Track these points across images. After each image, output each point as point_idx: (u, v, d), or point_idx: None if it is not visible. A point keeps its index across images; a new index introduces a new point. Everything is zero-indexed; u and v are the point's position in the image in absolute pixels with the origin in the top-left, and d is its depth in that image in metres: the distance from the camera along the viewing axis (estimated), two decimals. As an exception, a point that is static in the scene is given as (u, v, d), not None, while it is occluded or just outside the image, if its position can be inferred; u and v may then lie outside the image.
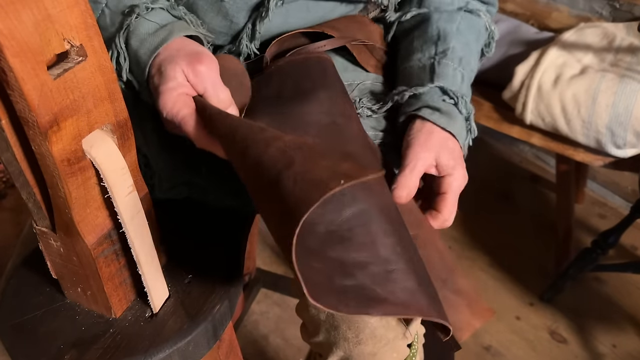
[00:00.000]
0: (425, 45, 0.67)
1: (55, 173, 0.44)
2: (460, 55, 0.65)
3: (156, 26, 0.55)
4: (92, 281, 0.52)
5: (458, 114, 0.62)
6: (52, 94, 0.40)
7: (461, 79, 0.64)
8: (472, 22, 0.69)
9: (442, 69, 0.64)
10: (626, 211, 1.32)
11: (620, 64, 1.24)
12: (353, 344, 0.62)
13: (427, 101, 0.62)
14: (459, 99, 0.62)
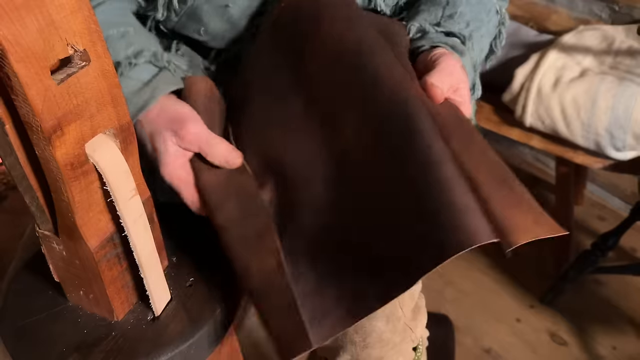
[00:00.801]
0: (433, 8, 0.65)
1: (59, 177, 0.44)
2: (468, 20, 0.63)
3: (139, 84, 0.57)
4: (94, 284, 0.53)
5: (466, 52, 0.60)
6: (55, 98, 0.41)
7: (469, 36, 0.62)
8: (482, 0, 0.67)
9: (446, 24, 0.62)
10: (625, 213, 1.32)
11: (619, 66, 1.24)
12: (360, 347, 0.62)
13: (433, 39, 0.60)
14: (466, 38, 0.60)
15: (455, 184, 0.42)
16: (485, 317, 1.40)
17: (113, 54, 0.56)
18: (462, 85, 0.55)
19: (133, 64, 0.57)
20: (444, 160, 0.44)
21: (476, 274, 1.52)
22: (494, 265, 1.54)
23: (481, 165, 0.47)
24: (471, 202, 0.42)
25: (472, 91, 0.62)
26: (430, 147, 0.44)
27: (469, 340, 1.34)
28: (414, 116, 0.46)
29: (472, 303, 1.44)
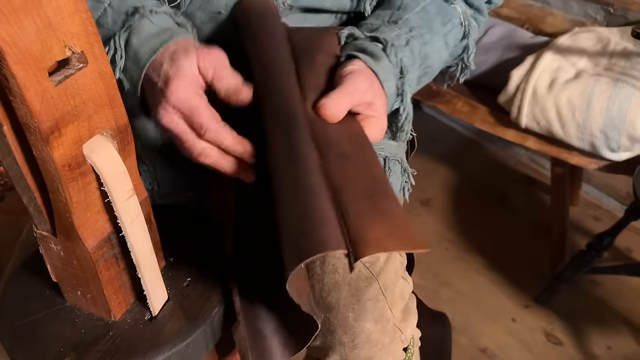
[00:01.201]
0: (383, 13, 0.65)
1: (57, 178, 0.44)
2: (413, 26, 0.63)
3: (159, 28, 0.55)
4: (92, 284, 0.53)
5: (385, 57, 0.58)
6: (53, 100, 0.41)
7: (405, 42, 0.61)
8: (443, 8, 0.67)
9: (384, 29, 0.62)
10: (620, 214, 1.33)
11: (614, 68, 1.25)
12: (349, 348, 0.62)
13: (355, 44, 0.60)
14: (388, 45, 0.59)
15: (315, 195, 0.45)
16: (481, 317, 1.41)
17: (131, 1, 0.56)
18: (376, 100, 0.55)
19: (155, 11, 0.56)
20: (311, 172, 0.46)
21: (472, 274, 1.52)
22: (489, 266, 1.54)
23: (353, 179, 0.48)
24: (327, 212, 0.44)
25: (399, 97, 0.60)
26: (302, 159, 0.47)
27: (464, 339, 1.35)
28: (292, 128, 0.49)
29: (468, 303, 1.44)
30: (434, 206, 1.76)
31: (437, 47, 0.65)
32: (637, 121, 1.13)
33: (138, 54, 0.54)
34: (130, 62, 0.54)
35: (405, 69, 0.59)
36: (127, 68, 0.55)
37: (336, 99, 0.53)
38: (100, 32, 0.52)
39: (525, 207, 1.75)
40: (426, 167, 1.91)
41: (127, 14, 0.56)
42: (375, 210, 0.45)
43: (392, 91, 0.58)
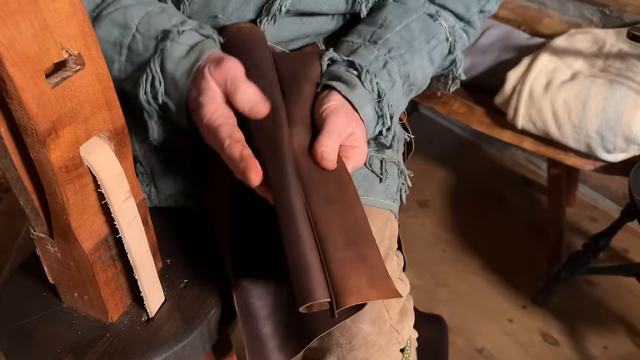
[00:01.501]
0: (365, 30, 0.66)
1: (54, 180, 0.44)
2: (392, 47, 0.63)
3: (187, 48, 0.56)
4: (89, 286, 0.53)
5: (359, 85, 0.59)
6: (50, 102, 0.41)
7: (382, 65, 0.62)
8: (427, 25, 0.67)
9: (363, 51, 0.63)
10: (617, 214, 1.34)
11: (610, 69, 1.26)
12: (346, 349, 0.62)
13: (332, 71, 0.60)
14: (363, 71, 0.59)
15: (302, 244, 0.47)
16: (478, 318, 1.41)
17: (157, 24, 0.57)
18: (356, 130, 0.56)
19: (181, 31, 0.56)
20: (298, 219, 0.48)
21: (469, 275, 1.53)
22: (486, 267, 1.55)
23: (337, 223, 0.50)
24: (314, 262, 0.46)
25: (380, 119, 0.61)
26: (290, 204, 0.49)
27: (461, 340, 1.35)
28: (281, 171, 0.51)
29: (465, 304, 1.45)
30: (431, 207, 1.77)
31: (419, 65, 0.65)
32: (632, 122, 1.13)
33: (175, 78, 0.55)
34: (169, 86, 0.56)
35: (382, 92, 0.60)
36: (169, 92, 0.56)
37: (329, 142, 0.53)
38: (134, 57, 0.56)
39: (522, 208, 1.76)
40: (423, 168, 1.92)
41: (157, 39, 0.56)
42: (358, 258, 0.48)
43: (370, 116, 0.59)
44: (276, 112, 0.55)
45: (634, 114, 1.13)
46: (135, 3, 0.58)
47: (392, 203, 0.70)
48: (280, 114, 0.55)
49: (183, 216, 0.68)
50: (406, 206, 1.72)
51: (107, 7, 0.57)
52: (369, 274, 0.47)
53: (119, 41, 0.57)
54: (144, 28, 0.57)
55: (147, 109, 0.58)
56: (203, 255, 0.63)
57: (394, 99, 0.62)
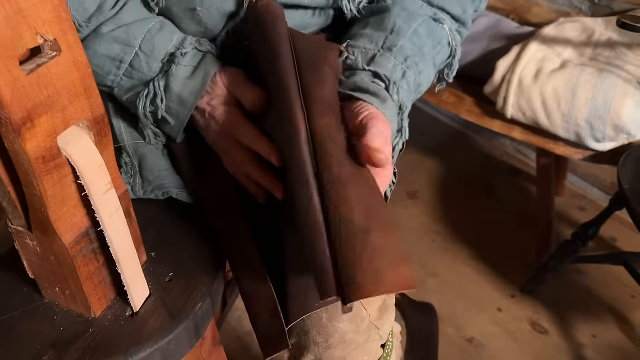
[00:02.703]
0: (376, 35, 0.64)
1: (30, 171, 0.43)
2: (408, 55, 0.62)
3: (191, 69, 0.60)
4: (70, 280, 0.52)
5: (389, 98, 0.58)
6: (25, 89, 0.39)
7: (401, 75, 0.61)
8: (433, 29, 0.66)
9: (381, 59, 0.61)
10: (605, 203, 1.34)
11: (599, 58, 1.25)
12: (323, 348, 0.62)
13: (357, 82, 0.59)
14: (390, 83, 0.59)
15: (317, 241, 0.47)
16: (467, 307, 1.41)
17: (160, 45, 0.60)
18: (388, 144, 0.54)
19: (184, 52, 0.60)
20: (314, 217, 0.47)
21: (458, 265, 1.53)
22: (476, 256, 1.55)
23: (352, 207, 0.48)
24: (325, 260, 0.46)
25: (399, 133, 0.61)
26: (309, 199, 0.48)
27: (451, 330, 1.35)
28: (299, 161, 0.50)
29: (454, 293, 1.45)
30: (420, 198, 1.76)
31: (428, 73, 0.65)
32: (621, 111, 1.13)
33: (182, 97, 0.60)
34: (173, 103, 0.60)
35: (404, 105, 0.60)
36: (171, 109, 0.61)
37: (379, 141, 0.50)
38: (134, 73, 0.60)
39: (511, 197, 1.76)
40: (412, 159, 1.91)
41: (162, 62, 0.60)
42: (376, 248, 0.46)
43: (394, 129, 0.59)
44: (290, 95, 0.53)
45: (623, 102, 1.13)
46: (134, 20, 0.60)
47: None
48: (294, 98, 0.52)
49: (169, 208, 0.67)
50: (395, 197, 1.71)
51: (106, 23, 0.59)
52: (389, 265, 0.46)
53: (119, 57, 0.59)
54: (147, 48, 0.60)
55: (143, 120, 0.62)
56: (189, 248, 0.62)
57: (408, 112, 0.62)
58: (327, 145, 0.50)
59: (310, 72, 0.56)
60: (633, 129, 1.14)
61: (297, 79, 0.55)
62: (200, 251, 0.62)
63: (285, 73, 0.54)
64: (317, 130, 0.51)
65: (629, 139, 1.17)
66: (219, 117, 0.60)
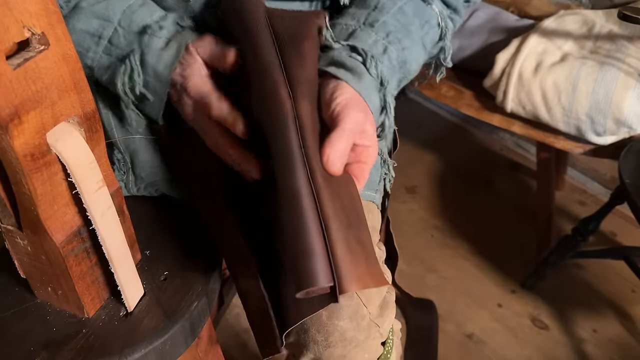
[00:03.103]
0: (359, 12, 0.62)
1: (19, 169, 0.42)
2: (390, 30, 0.60)
3: (165, 40, 0.57)
4: (62, 280, 0.50)
5: (366, 73, 0.55)
6: (12, 84, 0.38)
7: (383, 50, 0.58)
8: (420, 9, 0.63)
9: (361, 34, 0.59)
10: (605, 198, 1.33)
11: (599, 51, 1.24)
12: (322, 346, 0.61)
13: (334, 57, 0.56)
14: (368, 57, 0.56)
15: (307, 225, 0.46)
16: (467, 303, 1.40)
17: (139, 19, 0.57)
18: (368, 126, 0.52)
19: (161, 26, 0.57)
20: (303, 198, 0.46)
21: (458, 260, 1.52)
22: (475, 252, 1.54)
23: (339, 203, 0.48)
24: (318, 244, 0.45)
25: (384, 110, 0.58)
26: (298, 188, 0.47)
27: (451, 326, 1.35)
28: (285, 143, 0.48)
29: (454, 289, 1.44)
30: (419, 193, 1.75)
31: (415, 52, 0.62)
32: (622, 104, 1.12)
33: (157, 71, 0.56)
34: (150, 78, 0.57)
35: (385, 80, 0.56)
36: (148, 83, 0.57)
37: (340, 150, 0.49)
38: (112, 50, 0.58)
39: (510, 192, 1.75)
40: (411, 154, 1.90)
41: (137, 34, 0.57)
42: (357, 242, 0.47)
43: (376, 106, 0.56)
44: (271, 73, 0.51)
45: (624, 95, 1.12)
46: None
47: (373, 194, 0.67)
48: (277, 76, 0.51)
49: (163, 205, 0.66)
50: (394, 192, 1.70)
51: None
52: (367, 261, 0.47)
53: (98, 33, 0.57)
54: (126, 22, 0.57)
55: (124, 99, 0.58)
56: (184, 246, 0.61)
57: (392, 89, 0.59)
58: (307, 134, 0.49)
59: (290, 48, 0.54)
60: (634, 123, 1.13)
61: (279, 56, 0.53)
62: (195, 249, 0.61)
63: (265, 51, 0.52)
64: (300, 115, 0.49)
65: (630, 133, 1.16)
66: (191, 88, 0.56)
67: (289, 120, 0.49)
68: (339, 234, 0.46)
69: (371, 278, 0.46)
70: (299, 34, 0.56)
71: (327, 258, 0.45)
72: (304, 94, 0.51)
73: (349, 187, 0.50)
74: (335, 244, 0.45)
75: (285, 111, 0.49)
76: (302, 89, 0.51)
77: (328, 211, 0.46)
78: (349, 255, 0.45)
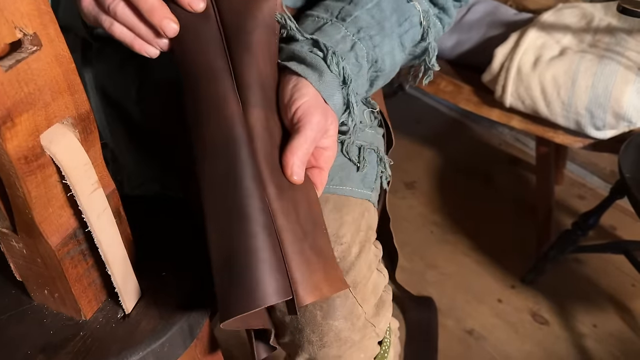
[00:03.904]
0: (333, 5, 0.59)
1: (12, 172, 0.41)
2: (362, 26, 0.57)
3: None
4: (58, 283, 0.50)
5: (326, 70, 0.53)
6: (3, 87, 0.38)
7: (350, 47, 0.55)
8: (401, 6, 0.60)
9: (330, 29, 0.56)
10: (605, 192, 1.33)
11: (598, 44, 1.23)
12: (317, 346, 0.61)
13: (295, 51, 0.54)
14: (329, 53, 0.53)
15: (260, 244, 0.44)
16: (467, 299, 1.40)
17: None
18: (330, 126, 0.51)
19: None
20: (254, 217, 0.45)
21: (458, 256, 1.52)
22: (475, 247, 1.53)
23: (293, 214, 0.47)
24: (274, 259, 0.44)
25: (347, 109, 0.56)
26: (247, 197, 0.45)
27: (451, 322, 1.34)
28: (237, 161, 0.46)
29: (454, 285, 1.44)
30: (418, 189, 1.75)
31: (389, 49, 0.59)
32: (622, 98, 1.11)
33: None
34: None
35: (348, 77, 0.54)
36: None
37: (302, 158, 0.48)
38: None
39: (510, 187, 1.74)
40: (410, 149, 1.89)
41: None
42: (313, 250, 0.47)
43: (339, 105, 0.54)
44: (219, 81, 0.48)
45: (624, 89, 1.11)
46: None
47: (369, 192, 0.67)
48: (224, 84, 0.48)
49: (159, 204, 0.65)
50: (393, 188, 1.70)
51: None
52: (324, 268, 0.47)
53: None
54: None
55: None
56: (182, 247, 0.60)
57: (358, 86, 0.56)
58: (258, 146, 0.47)
59: (240, 47, 0.50)
60: (634, 117, 1.12)
61: (227, 53, 0.50)
62: (194, 250, 0.60)
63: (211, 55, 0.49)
64: (250, 124, 0.48)
65: (630, 127, 1.16)
66: None
67: (236, 134, 0.47)
68: (294, 246, 0.46)
69: (329, 285, 0.46)
70: (247, 21, 0.51)
71: (283, 271, 0.45)
72: (254, 99, 0.49)
73: (307, 192, 0.49)
74: (290, 257, 0.45)
75: (232, 125, 0.47)
76: (252, 94, 0.49)
77: (281, 223, 0.46)
78: (304, 265, 0.46)
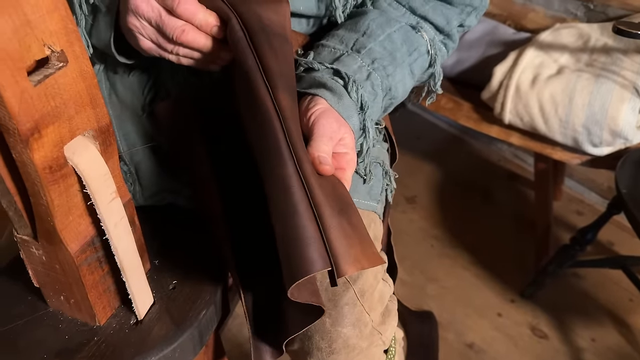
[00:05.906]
0: (347, 36, 0.63)
1: (37, 181, 0.43)
2: (376, 57, 0.61)
3: None
4: (75, 289, 0.52)
5: (345, 94, 0.57)
6: (32, 100, 0.40)
7: (366, 76, 0.60)
8: (410, 37, 0.65)
9: (347, 59, 0.60)
10: (602, 208, 1.35)
11: (595, 64, 1.26)
12: (326, 353, 0.62)
13: (316, 77, 0.58)
14: (350, 81, 0.58)
15: (300, 213, 0.46)
16: (467, 313, 1.41)
17: None
18: (346, 135, 0.54)
19: None
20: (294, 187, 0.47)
21: (458, 270, 1.53)
22: (475, 261, 1.55)
23: (328, 189, 0.49)
24: (313, 231, 0.46)
25: (363, 133, 0.60)
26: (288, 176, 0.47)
27: (451, 335, 1.36)
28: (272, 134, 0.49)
29: (454, 299, 1.45)
30: (419, 203, 1.77)
31: (401, 78, 0.63)
32: (618, 116, 1.14)
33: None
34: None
35: (365, 104, 0.58)
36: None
37: (324, 147, 0.51)
38: None
39: (509, 202, 1.76)
40: (411, 164, 1.91)
41: None
42: (350, 225, 0.48)
43: (357, 127, 0.58)
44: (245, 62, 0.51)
45: (620, 107, 1.14)
46: None
47: (375, 204, 0.69)
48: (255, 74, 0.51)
49: (171, 214, 0.67)
50: (394, 202, 1.72)
51: None
52: (362, 243, 0.48)
53: None
54: None
55: (77, 12, 0.56)
56: (192, 255, 0.62)
57: (373, 113, 0.60)
58: (289, 124, 0.49)
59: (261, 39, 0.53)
60: (630, 134, 1.15)
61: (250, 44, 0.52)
62: (203, 258, 0.62)
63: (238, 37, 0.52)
64: (281, 106, 0.50)
65: (626, 144, 1.18)
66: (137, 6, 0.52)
67: (270, 110, 0.49)
68: (332, 220, 0.47)
69: (367, 259, 0.47)
70: (268, 28, 0.55)
71: (322, 243, 0.45)
72: (282, 86, 0.51)
73: (332, 177, 0.51)
74: (329, 229, 0.46)
75: (266, 101, 0.49)
76: (279, 81, 0.51)
77: (319, 198, 0.47)
78: (343, 238, 0.46)
